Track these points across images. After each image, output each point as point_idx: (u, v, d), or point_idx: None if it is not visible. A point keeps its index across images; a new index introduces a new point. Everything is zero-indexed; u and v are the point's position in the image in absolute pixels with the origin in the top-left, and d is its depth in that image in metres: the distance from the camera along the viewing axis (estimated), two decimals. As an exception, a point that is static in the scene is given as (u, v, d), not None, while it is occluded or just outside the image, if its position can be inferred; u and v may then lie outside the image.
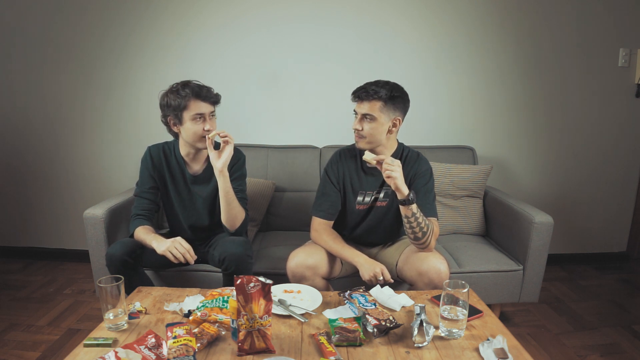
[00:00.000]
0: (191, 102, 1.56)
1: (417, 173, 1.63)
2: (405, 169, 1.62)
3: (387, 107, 1.55)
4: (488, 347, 1.08)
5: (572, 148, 2.64)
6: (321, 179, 1.75)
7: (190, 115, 1.57)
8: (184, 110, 1.57)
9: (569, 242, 2.76)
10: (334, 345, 1.10)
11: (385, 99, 1.53)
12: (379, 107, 1.54)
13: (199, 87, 1.58)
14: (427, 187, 1.63)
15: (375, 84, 1.56)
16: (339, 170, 1.70)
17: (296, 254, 1.60)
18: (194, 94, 1.56)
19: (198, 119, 1.57)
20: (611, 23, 2.49)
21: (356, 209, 1.70)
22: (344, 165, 1.70)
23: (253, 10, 2.43)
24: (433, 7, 2.45)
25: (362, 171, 1.69)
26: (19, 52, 2.49)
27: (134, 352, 1.01)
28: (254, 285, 1.06)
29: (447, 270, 1.52)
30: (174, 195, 1.72)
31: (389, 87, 1.55)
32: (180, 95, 1.56)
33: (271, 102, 2.53)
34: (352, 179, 1.69)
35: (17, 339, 1.89)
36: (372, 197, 1.68)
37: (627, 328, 2.02)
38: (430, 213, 1.59)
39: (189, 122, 1.58)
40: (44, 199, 2.68)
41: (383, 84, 1.56)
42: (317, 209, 1.70)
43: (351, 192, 1.70)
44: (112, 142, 2.59)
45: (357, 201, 1.69)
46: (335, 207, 1.70)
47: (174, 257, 1.50)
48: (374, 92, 1.52)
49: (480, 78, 2.54)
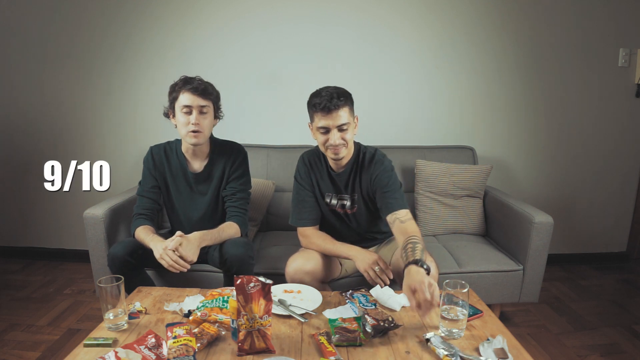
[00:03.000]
0: (180, 93, 1.57)
1: (377, 175, 1.58)
2: (367, 171, 1.60)
3: (351, 109, 1.55)
4: (488, 347, 1.08)
5: (572, 148, 2.64)
6: (294, 188, 1.71)
7: (180, 106, 1.57)
8: (176, 101, 1.59)
9: (569, 242, 2.76)
10: (334, 345, 1.10)
11: (349, 103, 1.53)
12: (348, 112, 1.52)
13: (190, 79, 1.58)
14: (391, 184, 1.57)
15: (333, 91, 1.49)
16: (308, 174, 1.68)
17: (294, 259, 1.59)
18: (184, 84, 1.56)
19: (186, 111, 1.57)
20: (611, 23, 2.49)
21: (328, 210, 1.71)
22: (311, 169, 1.69)
23: (253, 10, 2.43)
24: (433, 7, 2.45)
25: (326, 173, 1.68)
26: (19, 52, 2.49)
27: (134, 352, 1.01)
28: (254, 285, 1.06)
29: (436, 272, 1.47)
30: (175, 194, 1.72)
31: (343, 90, 1.52)
32: (175, 87, 1.58)
33: (271, 102, 2.53)
34: (319, 181, 1.68)
35: (17, 339, 1.89)
36: (337, 201, 1.67)
37: (627, 328, 2.02)
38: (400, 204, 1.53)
39: (179, 114, 1.59)
40: (44, 199, 2.68)
41: (337, 90, 1.51)
42: (297, 218, 1.68)
43: (320, 194, 1.69)
44: (112, 141, 2.59)
45: (325, 202, 1.70)
46: (316, 212, 1.69)
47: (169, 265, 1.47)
48: (340, 100, 1.47)
49: (480, 78, 2.54)
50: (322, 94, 1.48)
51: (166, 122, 2.51)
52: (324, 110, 1.47)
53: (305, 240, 1.67)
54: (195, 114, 1.57)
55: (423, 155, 2.33)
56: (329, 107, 1.46)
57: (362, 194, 1.65)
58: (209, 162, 1.71)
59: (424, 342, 1.12)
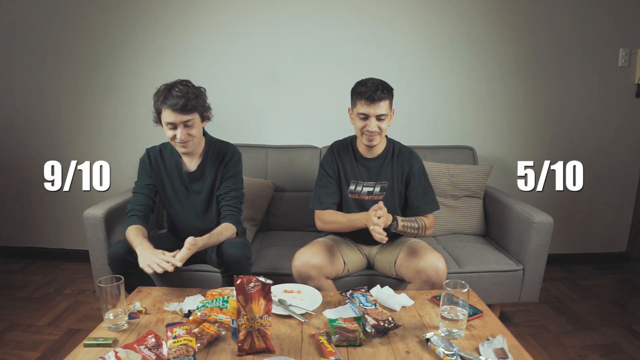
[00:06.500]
0: (163, 109, 1.53)
1: (413, 171, 1.73)
2: (399, 163, 1.73)
3: (391, 103, 1.65)
4: (488, 347, 1.08)
5: (572, 148, 2.64)
6: (318, 174, 1.81)
7: (164, 122, 1.55)
8: (160, 114, 1.56)
9: (569, 242, 2.76)
10: (334, 345, 1.10)
11: (390, 96, 1.63)
12: (388, 105, 1.63)
13: (169, 91, 1.51)
14: (426, 184, 1.75)
15: (379, 83, 1.61)
16: (334, 161, 1.77)
17: (302, 253, 1.61)
18: (164, 100, 1.51)
19: (171, 127, 1.55)
20: (611, 23, 2.49)
21: (349, 197, 1.75)
22: (338, 156, 1.78)
23: (253, 10, 2.43)
24: (433, 7, 2.45)
25: (354, 161, 1.76)
26: (19, 52, 2.49)
27: (134, 352, 1.01)
28: (254, 285, 1.06)
29: (445, 268, 1.54)
30: (171, 193, 1.72)
31: (387, 84, 1.64)
32: (158, 99, 1.54)
33: (271, 102, 2.53)
34: (346, 169, 1.76)
35: (17, 339, 1.89)
36: (362, 188, 1.74)
37: (627, 328, 2.02)
38: (431, 208, 1.73)
39: (165, 127, 1.57)
40: (44, 199, 2.68)
41: (382, 82, 1.63)
42: (317, 201, 1.76)
43: (345, 182, 1.76)
44: (112, 141, 2.59)
45: (349, 190, 1.75)
46: (335, 197, 1.76)
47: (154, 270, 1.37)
48: (383, 92, 1.59)
49: (480, 78, 2.54)
50: (369, 84, 1.60)
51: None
52: (368, 99, 1.58)
53: (320, 223, 1.75)
54: (180, 129, 1.54)
55: (423, 155, 2.32)
56: (372, 97, 1.58)
57: (393, 182, 1.73)
58: (202, 161, 1.70)
59: (424, 342, 1.13)
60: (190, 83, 1.58)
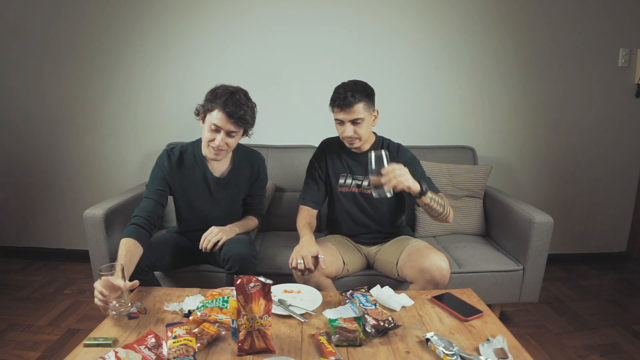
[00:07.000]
0: (216, 110, 1.51)
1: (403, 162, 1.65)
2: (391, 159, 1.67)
3: (367, 104, 1.62)
4: (488, 347, 1.08)
5: (572, 148, 2.65)
6: (307, 168, 1.83)
7: (210, 121, 1.53)
8: (208, 112, 1.54)
9: (569, 242, 2.76)
10: (334, 345, 1.10)
11: (364, 99, 1.60)
12: (362, 108, 1.60)
13: (230, 100, 1.50)
14: (422, 172, 1.72)
15: (350, 89, 1.58)
16: (322, 156, 1.79)
17: None
18: (223, 105, 1.50)
19: (214, 129, 1.53)
20: (611, 23, 2.49)
21: (339, 191, 1.76)
22: (327, 151, 1.79)
23: (253, 10, 2.43)
24: (433, 7, 2.45)
25: (344, 154, 1.77)
26: (19, 52, 2.49)
27: (134, 352, 1.01)
28: (254, 285, 1.06)
29: (449, 268, 1.53)
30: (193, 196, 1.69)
31: (361, 86, 1.61)
32: (215, 98, 1.52)
33: (271, 102, 2.53)
34: (335, 163, 1.77)
35: (17, 339, 1.89)
36: (352, 181, 1.74)
37: (627, 328, 2.03)
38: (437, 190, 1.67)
39: (207, 126, 1.55)
40: (44, 199, 2.68)
41: (354, 86, 1.60)
42: (301, 197, 1.80)
43: (334, 176, 1.77)
44: (112, 141, 2.59)
45: (339, 184, 1.76)
46: (317, 195, 1.78)
47: None
48: (353, 97, 1.56)
49: (480, 78, 2.54)
50: (340, 90, 1.59)
51: (166, 122, 2.55)
52: (339, 106, 1.59)
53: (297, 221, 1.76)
54: (222, 136, 1.53)
55: (423, 155, 2.33)
56: (343, 103, 1.57)
57: None
58: (233, 168, 1.71)
59: (424, 342, 1.12)
60: (249, 95, 1.60)
